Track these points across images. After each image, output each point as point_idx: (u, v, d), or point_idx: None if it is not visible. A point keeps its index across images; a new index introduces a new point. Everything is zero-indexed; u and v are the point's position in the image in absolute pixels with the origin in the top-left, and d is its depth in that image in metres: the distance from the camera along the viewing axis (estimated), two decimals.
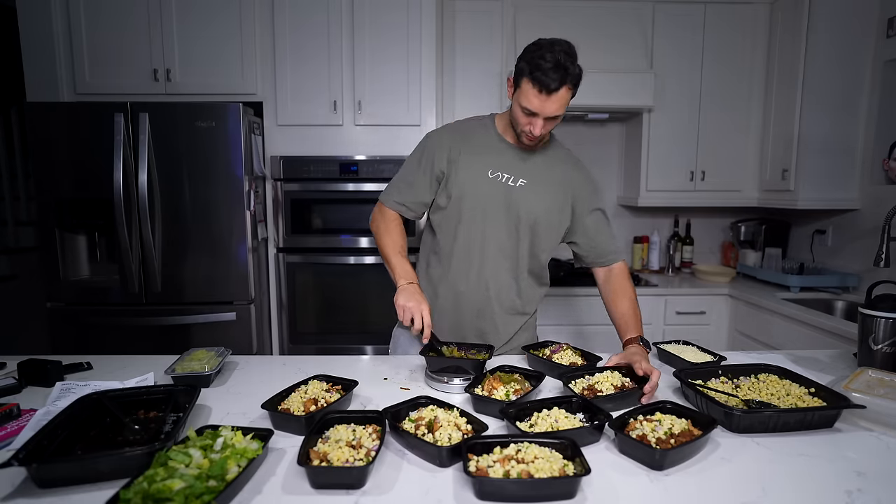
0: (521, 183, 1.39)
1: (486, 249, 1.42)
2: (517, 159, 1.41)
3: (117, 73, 2.49)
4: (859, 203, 2.56)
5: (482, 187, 1.39)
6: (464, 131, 1.46)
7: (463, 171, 1.40)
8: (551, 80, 1.20)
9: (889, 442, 0.96)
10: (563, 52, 1.21)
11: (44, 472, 0.79)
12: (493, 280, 1.44)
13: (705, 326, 2.75)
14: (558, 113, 1.27)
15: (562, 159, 1.46)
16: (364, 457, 0.84)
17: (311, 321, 2.62)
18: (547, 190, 1.41)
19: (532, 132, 1.30)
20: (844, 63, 2.50)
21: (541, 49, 1.22)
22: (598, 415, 1.00)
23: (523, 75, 1.24)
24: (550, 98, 1.23)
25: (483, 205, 1.40)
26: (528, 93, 1.24)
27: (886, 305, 1.26)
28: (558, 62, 1.20)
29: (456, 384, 1.20)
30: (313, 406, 1.03)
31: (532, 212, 1.40)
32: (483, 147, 1.42)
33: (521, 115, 1.29)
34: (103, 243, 2.41)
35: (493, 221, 1.41)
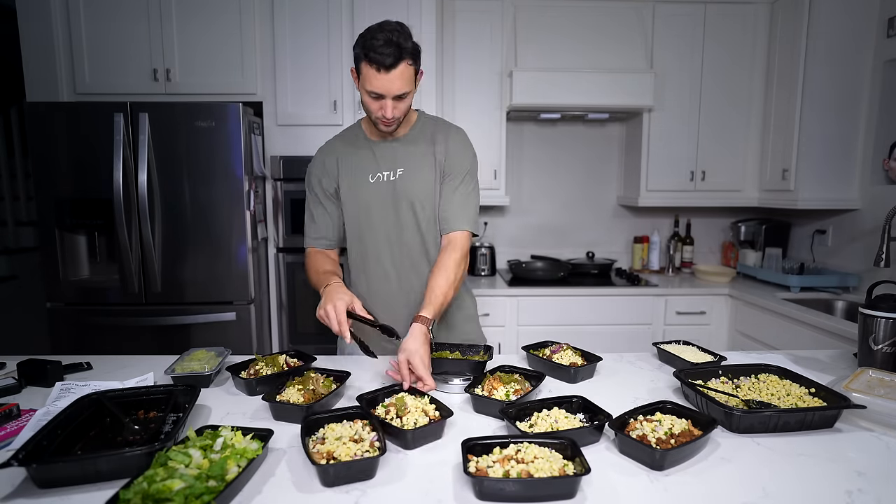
0: (399, 173, 1.40)
1: (395, 251, 1.44)
2: (388, 152, 1.42)
3: (117, 73, 2.49)
4: (859, 203, 2.56)
5: (368, 193, 1.41)
6: (333, 147, 1.47)
7: (346, 186, 1.42)
8: (385, 56, 1.21)
9: (889, 442, 0.96)
10: (395, 30, 1.22)
11: (43, 473, 0.79)
12: (415, 276, 1.45)
13: (705, 326, 2.75)
14: (404, 90, 1.26)
15: (429, 136, 1.44)
16: (370, 448, 0.86)
17: (311, 321, 2.61)
18: (423, 170, 1.41)
19: (385, 115, 1.29)
20: (844, 63, 2.50)
21: (371, 31, 1.23)
22: (598, 415, 1.00)
23: (360, 60, 1.25)
24: (390, 75, 1.23)
25: (376, 210, 1.41)
26: (368, 75, 1.24)
27: (887, 305, 1.26)
28: (389, 39, 1.21)
29: (456, 384, 1.20)
30: (312, 396, 1.07)
31: (419, 195, 1.40)
32: (356, 155, 1.43)
33: (371, 101, 1.29)
34: (103, 243, 2.41)
35: (389, 222, 1.42)
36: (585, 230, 3.29)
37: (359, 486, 0.81)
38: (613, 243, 3.31)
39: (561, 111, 2.87)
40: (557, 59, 2.77)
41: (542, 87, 2.70)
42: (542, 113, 2.92)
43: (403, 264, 1.45)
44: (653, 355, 1.46)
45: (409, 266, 1.45)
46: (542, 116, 2.98)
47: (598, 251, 3.27)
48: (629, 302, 2.72)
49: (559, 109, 2.83)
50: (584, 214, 3.29)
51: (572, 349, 1.37)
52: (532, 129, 3.20)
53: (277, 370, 1.22)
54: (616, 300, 2.72)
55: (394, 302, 1.46)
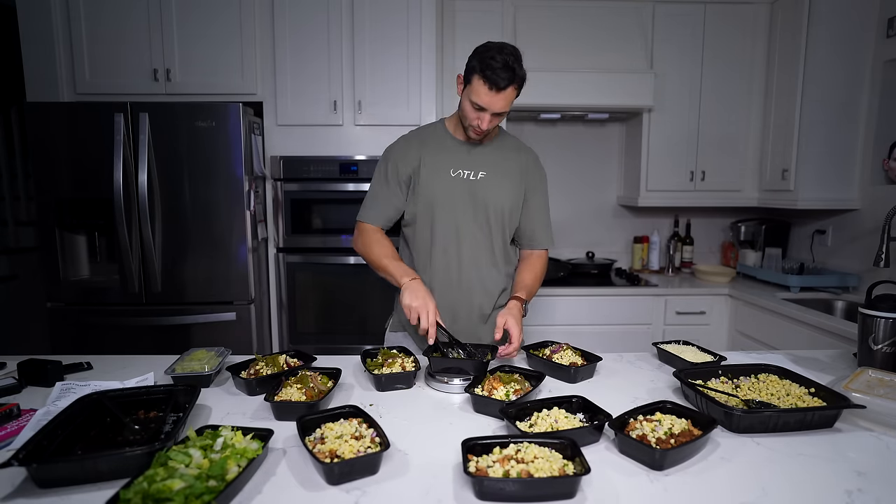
0: (481, 175, 1.48)
1: (462, 247, 1.49)
2: (473, 154, 1.50)
3: (117, 73, 2.49)
4: (859, 203, 2.56)
5: (447, 186, 1.47)
6: (420, 137, 1.54)
7: (426, 175, 1.48)
8: (501, 78, 1.30)
9: (889, 442, 0.96)
10: (511, 54, 1.32)
11: (44, 472, 0.79)
12: (475, 273, 1.51)
13: (705, 326, 2.75)
14: (504, 110, 1.37)
15: (513, 148, 1.56)
16: (371, 444, 0.87)
17: (311, 321, 2.62)
18: (505, 177, 1.50)
19: (480, 126, 1.39)
20: (844, 63, 2.50)
21: (491, 50, 1.32)
22: (598, 415, 1.00)
23: (474, 73, 1.33)
24: (499, 95, 1.32)
25: (453, 203, 1.47)
26: (478, 89, 1.33)
27: (886, 305, 1.26)
28: (507, 63, 1.30)
29: (456, 384, 1.20)
30: (313, 394, 1.08)
31: (498, 200, 1.49)
32: (440, 149, 1.50)
33: (471, 110, 1.38)
34: (103, 243, 2.41)
35: (463, 218, 1.48)
36: (585, 230, 3.29)
37: (359, 485, 0.81)
38: (613, 243, 3.31)
39: (561, 111, 2.87)
40: (557, 60, 2.77)
41: (542, 87, 2.70)
42: (542, 113, 2.92)
43: (467, 260, 1.50)
44: (653, 355, 1.46)
45: (471, 263, 1.50)
46: (542, 116, 2.98)
47: (598, 251, 3.27)
48: (629, 302, 2.72)
49: (559, 109, 2.83)
50: (584, 214, 3.29)
51: (572, 349, 1.37)
52: (532, 129, 3.20)
53: (277, 370, 1.22)
54: (616, 300, 2.72)
55: (451, 294, 1.51)
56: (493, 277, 1.53)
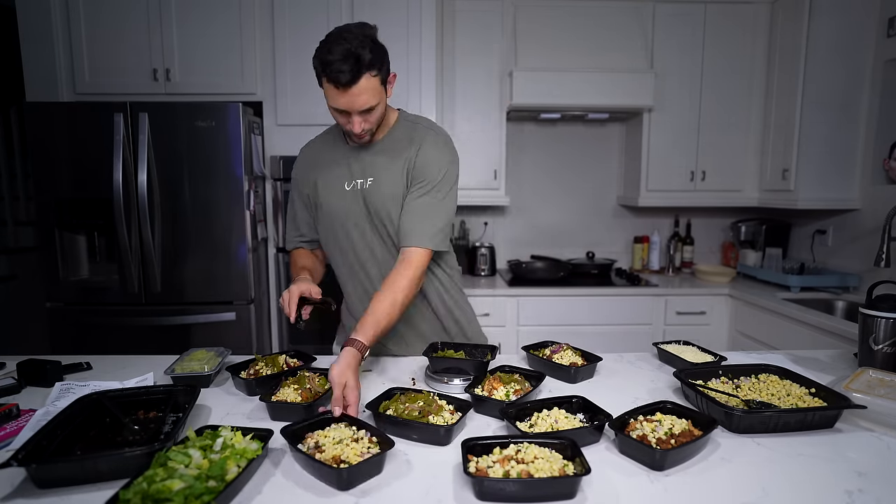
0: (370, 182, 1.32)
1: (370, 261, 1.38)
2: (362, 159, 1.34)
3: (117, 73, 2.49)
4: (859, 203, 2.56)
5: (343, 201, 1.35)
6: (315, 151, 1.42)
7: (323, 192, 1.37)
8: (342, 72, 1.11)
9: (890, 442, 0.96)
10: (355, 38, 1.11)
11: (43, 473, 0.79)
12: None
13: (705, 326, 2.75)
14: (370, 104, 1.17)
15: (403, 137, 1.34)
16: (370, 444, 0.88)
17: (311, 321, 2.61)
18: (392, 175, 1.31)
19: (353, 130, 1.23)
20: (845, 62, 2.50)
21: (328, 44, 1.13)
22: (599, 415, 1.00)
23: (320, 77, 1.16)
24: (352, 91, 1.14)
25: (351, 217, 1.35)
26: (330, 92, 1.17)
27: (887, 305, 1.26)
28: (347, 52, 1.10)
29: (456, 384, 1.20)
30: (309, 395, 1.07)
31: (385, 206, 1.31)
32: (332, 161, 1.37)
33: (338, 116, 1.23)
34: (103, 243, 2.41)
35: (363, 230, 1.36)
36: (585, 230, 3.29)
37: (361, 486, 0.81)
38: (613, 243, 3.31)
39: (561, 111, 2.87)
40: (557, 59, 2.77)
41: (542, 87, 2.70)
42: (543, 113, 2.92)
43: (376, 273, 1.38)
44: (653, 355, 1.46)
45: (382, 275, 1.36)
46: (542, 116, 2.98)
47: (598, 251, 3.27)
48: (629, 302, 2.72)
49: (559, 109, 2.83)
50: (584, 214, 3.29)
51: (572, 349, 1.37)
52: (532, 129, 3.20)
53: (277, 370, 1.22)
54: (616, 300, 2.72)
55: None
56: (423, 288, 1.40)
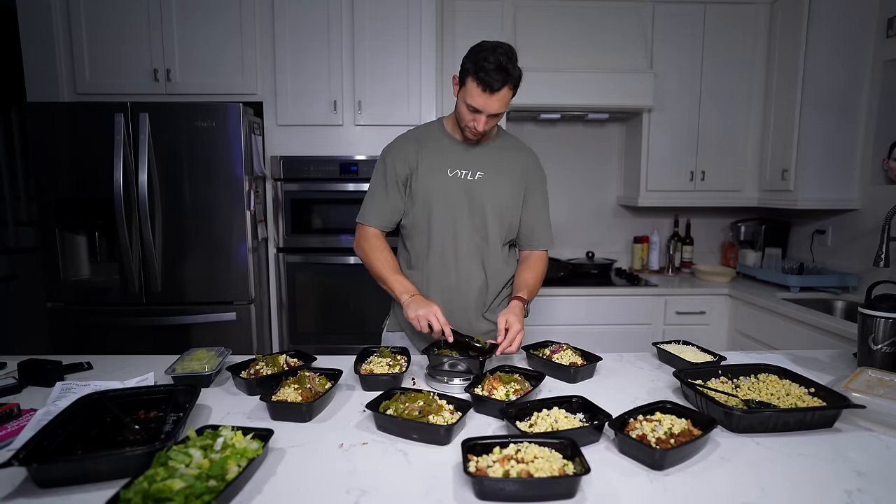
0: (479, 175, 1.47)
1: (459, 244, 1.49)
2: (471, 154, 1.49)
3: (117, 73, 2.49)
4: (859, 203, 2.56)
5: (444, 185, 1.47)
6: (417, 137, 1.53)
7: (424, 174, 1.48)
8: (494, 80, 1.28)
9: (889, 442, 0.96)
10: (505, 54, 1.30)
11: (44, 472, 0.79)
12: (471, 272, 1.51)
13: (705, 326, 2.75)
14: (500, 111, 1.36)
15: (511, 147, 1.55)
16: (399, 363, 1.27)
17: (311, 321, 2.62)
18: (504, 178, 1.49)
19: (476, 127, 1.38)
20: (844, 63, 2.51)
21: (484, 51, 1.30)
22: (598, 415, 1.00)
23: (468, 75, 1.32)
24: (493, 97, 1.31)
25: (450, 203, 1.47)
26: (472, 91, 1.32)
27: (886, 305, 1.26)
28: (500, 64, 1.28)
29: (456, 384, 1.20)
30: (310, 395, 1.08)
31: (495, 201, 1.48)
32: (437, 149, 1.50)
33: (466, 112, 1.37)
34: (103, 243, 2.41)
35: (460, 218, 1.48)
36: (585, 230, 3.29)
37: (359, 486, 0.81)
38: (613, 243, 3.31)
39: (561, 111, 2.87)
40: (557, 60, 2.77)
41: (542, 87, 2.70)
42: (542, 113, 2.92)
43: (464, 261, 1.49)
44: (653, 355, 1.46)
45: (468, 263, 1.50)
46: (542, 116, 2.98)
47: (598, 251, 3.27)
48: (629, 302, 2.72)
49: (559, 109, 2.83)
50: (584, 214, 3.29)
51: (572, 349, 1.37)
52: (532, 129, 3.20)
53: (277, 370, 1.22)
54: (616, 300, 2.72)
55: (448, 294, 1.50)
56: (490, 279, 1.53)
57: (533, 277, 1.51)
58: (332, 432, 0.99)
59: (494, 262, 1.53)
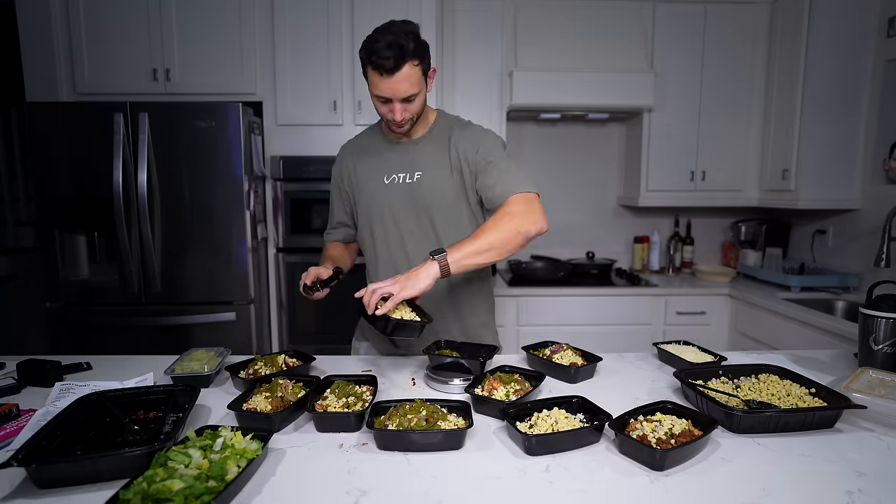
0: (417, 176, 1.36)
1: (411, 256, 1.38)
2: (407, 154, 1.39)
3: (117, 73, 2.49)
4: (860, 203, 2.56)
5: (383, 195, 1.39)
6: (356, 144, 1.48)
7: (362, 185, 1.42)
8: (385, 59, 1.18)
9: (890, 442, 0.96)
10: (399, 31, 1.20)
11: (43, 473, 0.79)
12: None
13: (705, 326, 2.75)
14: (411, 92, 1.24)
15: (445, 132, 1.38)
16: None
17: (311, 321, 2.62)
18: (442, 169, 1.36)
19: (394, 118, 1.27)
20: (845, 63, 2.50)
21: (374, 34, 1.21)
22: (599, 415, 1.00)
23: (365, 65, 1.23)
24: (394, 78, 1.21)
25: (391, 211, 1.38)
26: (373, 80, 1.23)
27: (887, 305, 1.26)
28: (392, 42, 1.18)
29: (456, 384, 1.20)
30: (280, 404, 1.03)
31: (438, 200, 1.36)
32: (373, 155, 1.42)
33: (380, 105, 1.28)
34: (103, 243, 2.41)
35: (406, 224, 1.38)
36: (585, 230, 3.29)
37: (359, 486, 0.81)
38: (613, 243, 3.31)
39: (561, 111, 2.87)
40: (557, 59, 2.77)
41: (542, 87, 2.70)
42: (543, 113, 2.92)
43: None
44: (653, 355, 1.45)
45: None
46: (542, 116, 2.98)
47: (598, 251, 3.27)
48: (629, 302, 2.72)
49: (559, 109, 2.83)
50: (585, 214, 3.29)
51: (572, 349, 1.37)
52: (532, 129, 3.20)
53: (276, 370, 1.22)
54: (616, 300, 2.72)
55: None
56: (452, 283, 1.41)
57: (484, 229, 1.21)
58: (332, 432, 0.99)
59: None
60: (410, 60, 1.20)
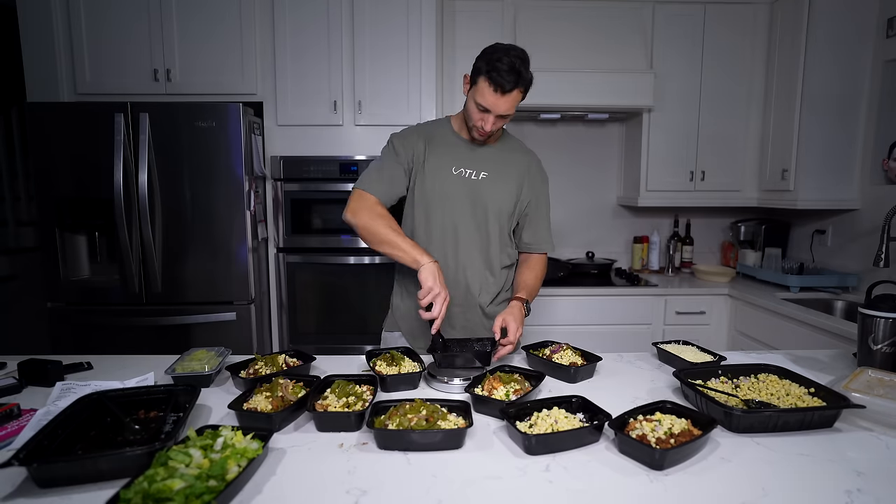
0: (482, 176, 1.48)
1: (459, 243, 1.50)
2: (476, 154, 1.51)
3: (117, 73, 2.49)
4: (859, 203, 2.56)
5: (448, 184, 1.48)
6: (426, 131, 1.54)
7: (430, 169, 1.49)
8: (506, 81, 1.30)
9: (889, 442, 0.97)
10: (518, 57, 1.32)
11: (44, 472, 0.79)
12: (471, 272, 1.51)
13: (705, 326, 2.75)
14: (509, 112, 1.37)
15: (516, 150, 1.57)
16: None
17: (311, 321, 2.62)
18: (507, 179, 1.51)
19: (483, 127, 1.39)
20: (844, 63, 2.51)
21: (498, 52, 1.32)
22: (598, 415, 1.00)
23: (480, 74, 1.34)
24: (503, 97, 1.33)
25: (451, 200, 1.48)
26: (483, 91, 1.33)
27: (886, 305, 1.26)
28: (513, 66, 1.30)
29: (456, 384, 1.20)
30: (281, 403, 1.03)
31: (498, 201, 1.49)
32: (444, 145, 1.51)
33: (475, 111, 1.38)
34: (103, 243, 2.41)
35: (461, 216, 1.49)
36: (585, 230, 3.30)
37: (359, 486, 0.81)
38: (613, 243, 3.31)
39: (561, 111, 2.87)
40: (557, 59, 2.77)
41: (541, 87, 2.66)
42: (542, 113, 2.92)
43: (463, 259, 1.50)
44: (652, 355, 1.46)
45: (467, 262, 1.50)
46: (542, 116, 2.98)
47: (597, 251, 3.27)
48: (629, 302, 2.72)
49: (559, 109, 2.83)
50: (584, 214, 3.29)
51: (572, 349, 1.37)
52: (532, 129, 3.20)
53: (276, 370, 1.22)
54: (616, 300, 2.72)
55: (449, 292, 1.42)
56: (488, 278, 1.54)
57: (532, 278, 1.53)
58: (333, 432, 0.99)
59: (494, 261, 1.53)
60: (521, 87, 1.34)
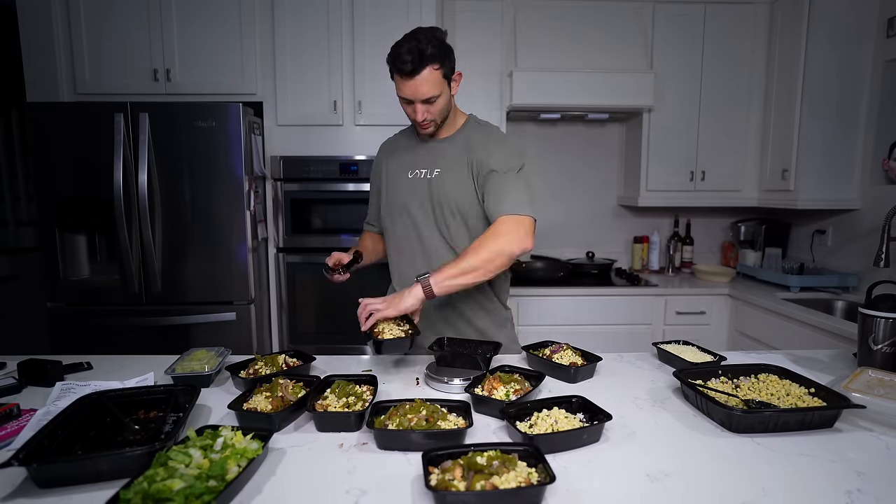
0: (436, 173, 1.44)
1: (426, 247, 1.46)
2: (431, 152, 1.47)
3: (117, 73, 2.49)
4: (859, 203, 2.56)
5: (404, 189, 1.47)
6: (391, 142, 1.58)
7: (390, 179, 1.51)
8: (405, 62, 1.27)
9: (889, 442, 0.96)
10: (422, 38, 1.27)
11: (44, 472, 0.79)
12: None
13: (705, 326, 2.75)
14: (431, 94, 1.31)
15: (467, 137, 1.44)
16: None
17: (311, 321, 2.62)
18: (459, 168, 1.41)
19: (416, 118, 1.36)
20: (844, 63, 2.51)
21: (398, 43, 1.30)
22: (598, 415, 1.00)
23: (391, 70, 1.33)
24: (415, 80, 1.29)
25: (408, 205, 1.46)
26: (397, 82, 1.32)
27: (886, 305, 1.26)
28: (412, 48, 1.26)
29: (456, 384, 1.20)
30: (281, 403, 1.03)
31: (451, 197, 1.40)
32: (403, 151, 1.52)
33: (404, 106, 1.37)
34: (103, 243, 2.41)
35: (422, 219, 1.45)
36: (585, 230, 3.30)
37: (359, 486, 0.81)
38: (613, 243, 3.31)
39: (561, 111, 2.87)
40: (557, 59, 2.77)
41: (542, 87, 2.70)
42: (543, 113, 2.92)
43: (433, 262, 1.44)
44: (653, 355, 1.46)
45: (435, 264, 1.40)
46: (542, 116, 2.98)
47: (598, 251, 3.27)
48: (629, 302, 2.72)
49: (559, 109, 2.83)
50: (584, 214, 3.29)
51: (572, 349, 1.37)
52: (532, 130, 3.20)
53: (276, 370, 1.22)
54: (616, 300, 2.72)
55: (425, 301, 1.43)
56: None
57: (471, 251, 1.27)
58: (333, 432, 0.99)
59: None
60: (430, 64, 1.28)
